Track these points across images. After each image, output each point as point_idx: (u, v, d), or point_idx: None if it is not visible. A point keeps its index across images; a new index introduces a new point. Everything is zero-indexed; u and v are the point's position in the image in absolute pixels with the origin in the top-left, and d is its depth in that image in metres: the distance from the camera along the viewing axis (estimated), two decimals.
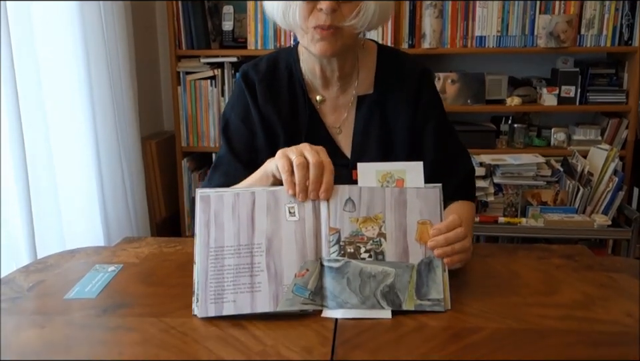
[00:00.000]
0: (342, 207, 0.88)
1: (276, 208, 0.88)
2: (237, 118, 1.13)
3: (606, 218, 2.09)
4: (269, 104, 1.12)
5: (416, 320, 0.82)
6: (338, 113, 1.15)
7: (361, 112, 1.14)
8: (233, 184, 1.04)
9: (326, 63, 1.09)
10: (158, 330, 0.79)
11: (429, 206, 0.88)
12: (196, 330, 0.79)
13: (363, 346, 0.75)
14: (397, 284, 0.85)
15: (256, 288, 0.84)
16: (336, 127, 1.15)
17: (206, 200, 0.88)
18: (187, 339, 0.76)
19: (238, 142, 1.12)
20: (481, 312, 0.85)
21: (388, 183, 0.90)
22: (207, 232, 0.86)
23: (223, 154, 1.13)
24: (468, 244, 0.89)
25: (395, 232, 0.87)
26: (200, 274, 0.84)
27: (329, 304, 0.85)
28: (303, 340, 0.76)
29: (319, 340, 0.76)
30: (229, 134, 1.13)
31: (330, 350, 0.74)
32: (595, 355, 0.74)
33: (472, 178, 1.22)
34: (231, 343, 0.75)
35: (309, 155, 0.87)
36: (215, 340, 0.76)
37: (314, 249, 0.87)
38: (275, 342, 0.76)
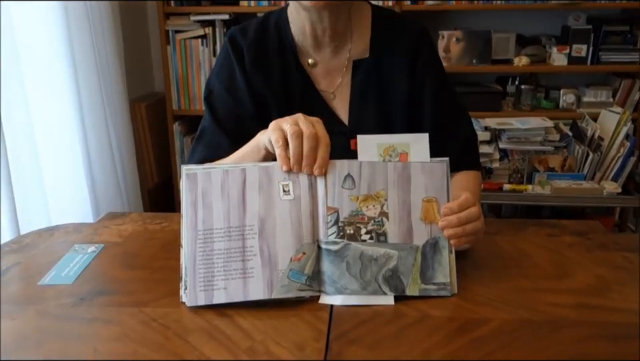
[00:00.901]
0: (340, 184, 0.80)
1: (269, 186, 0.80)
2: (221, 86, 1.04)
3: (616, 185, 2.01)
4: (258, 71, 1.03)
5: (418, 310, 0.75)
6: (331, 77, 1.06)
7: (358, 77, 1.06)
8: (217, 157, 0.97)
9: (316, 20, 1.00)
10: (138, 321, 0.72)
11: (435, 182, 0.80)
12: (179, 321, 0.72)
13: (360, 340, 0.69)
14: (400, 267, 0.78)
15: (248, 274, 0.77)
16: (330, 92, 1.06)
17: (192, 178, 0.80)
18: (168, 333, 0.70)
19: (223, 112, 1.03)
20: (488, 300, 0.78)
21: (390, 157, 0.81)
22: (195, 213, 0.79)
23: (206, 125, 1.04)
24: (480, 225, 0.82)
25: (398, 211, 0.80)
26: (188, 259, 0.78)
27: (327, 289, 0.78)
28: (295, 334, 0.69)
29: (312, 334, 0.70)
30: (213, 103, 1.05)
31: (324, 345, 0.67)
32: (613, 351, 0.67)
33: (474, 143, 1.13)
34: (217, 337, 0.69)
35: (303, 126, 0.79)
36: (199, 333, 0.70)
37: (310, 230, 0.79)
38: (264, 336, 0.69)
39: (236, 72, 1.03)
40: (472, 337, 0.69)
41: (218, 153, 0.97)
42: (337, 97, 1.06)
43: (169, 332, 0.70)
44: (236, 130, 1.00)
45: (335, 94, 1.06)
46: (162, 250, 0.93)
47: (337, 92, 1.06)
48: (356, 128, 1.01)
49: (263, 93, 1.03)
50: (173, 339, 0.69)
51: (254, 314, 0.74)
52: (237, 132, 0.99)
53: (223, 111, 1.03)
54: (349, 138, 1.01)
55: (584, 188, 2.02)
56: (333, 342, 0.68)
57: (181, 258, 0.78)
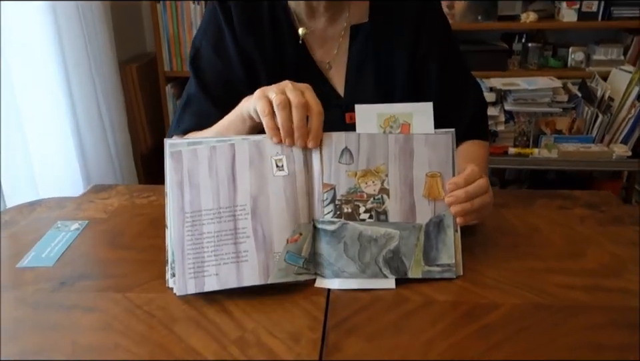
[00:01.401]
0: (337, 159, 0.74)
1: (260, 162, 0.74)
2: (209, 47, 0.96)
3: (625, 148, 1.95)
4: (248, 34, 0.95)
5: (421, 295, 0.70)
6: (327, 47, 0.98)
7: (355, 44, 0.98)
8: (206, 126, 0.90)
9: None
10: (121, 309, 0.68)
11: (440, 156, 0.74)
12: (165, 309, 0.68)
13: (359, 330, 0.64)
14: (401, 248, 0.73)
15: (242, 258, 0.72)
16: (325, 62, 0.98)
17: (177, 157, 0.74)
18: (153, 322, 0.65)
19: (210, 76, 0.96)
20: (496, 282, 0.73)
21: (391, 128, 0.75)
22: (181, 194, 0.73)
23: (193, 92, 0.97)
24: (489, 199, 0.76)
25: (399, 188, 0.74)
26: (175, 244, 0.72)
27: (324, 272, 0.73)
28: (289, 323, 0.65)
29: (307, 323, 0.65)
30: (199, 66, 0.97)
31: (320, 335, 0.63)
32: (631, 341, 0.62)
33: (484, 113, 1.07)
34: (205, 327, 0.64)
35: (291, 94, 0.72)
36: (186, 322, 0.65)
37: (307, 209, 0.74)
38: (256, 325, 0.64)
39: (224, 32, 0.95)
40: (479, 325, 0.64)
41: (206, 123, 0.91)
42: (333, 67, 0.98)
43: (154, 321, 0.65)
44: (225, 97, 0.93)
45: (331, 65, 0.98)
46: (149, 227, 0.88)
47: (332, 62, 0.98)
48: (352, 101, 0.93)
49: (253, 59, 0.95)
50: (157, 329, 0.64)
51: (246, 300, 0.69)
52: (226, 100, 0.91)
53: (210, 75, 0.96)
54: (344, 111, 0.94)
55: (592, 152, 1.95)
56: (329, 331, 0.63)
57: (166, 239, 0.73)
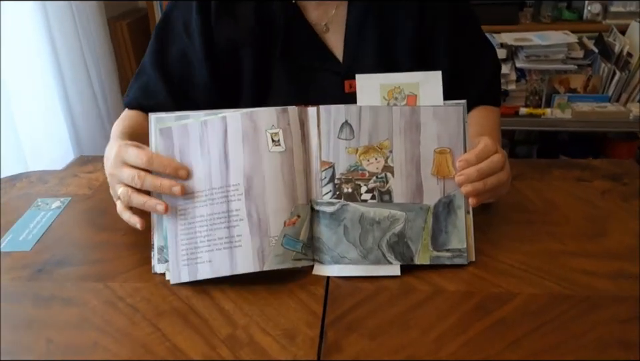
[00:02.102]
0: (336, 134, 0.67)
1: (255, 136, 0.66)
2: (180, 19, 0.87)
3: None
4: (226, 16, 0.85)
5: (429, 283, 0.64)
6: (324, 8, 0.88)
7: (355, 4, 0.88)
8: (150, 105, 0.82)
9: None
10: (102, 301, 0.62)
11: (450, 130, 0.67)
12: (150, 301, 0.62)
13: (361, 325, 0.58)
14: (407, 231, 0.66)
15: (235, 243, 0.66)
16: (321, 24, 0.89)
17: (167, 135, 0.67)
18: (136, 317, 0.60)
19: (173, 51, 0.87)
20: (511, 268, 0.67)
21: (396, 100, 0.67)
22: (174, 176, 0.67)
23: (147, 62, 0.88)
24: (505, 177, 0.69)
25: (405, 165, 0.67)
26: (169, 230, 0.66)
27: (323, 257, 0.67)
28: (285, 318, 0.59)
29: (304, 317, 0.59)
30: (163, 36, 0.88)
31: (318, 332, 0.57)
32: None
33: (497, 77, 0.98)
34: (192, 322, 0.59)
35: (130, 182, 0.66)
36: (172, 317, 0.60)
37: (305, 189, 0.67)
38: (248, 320, 0.59)
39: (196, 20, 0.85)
40: (494, 319, 0.59)
41: (152, 103, 0.83)
42: (330, 29, 0.89)
43: (137, 316, 0.60)
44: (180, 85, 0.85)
45: (328, 26, 0.89)
46: None
47: (330, 24, 0.89)
48: (352, 67, 0.86)
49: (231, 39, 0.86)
50: (141, 325, 0.59)
51: (237, 290, 0.64)
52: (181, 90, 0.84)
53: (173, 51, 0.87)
54: (343, 78, 0.86)
55: (608, 111, 1.86)
56: (328, 327, 0.58)
57: (152, 221, 0.67)
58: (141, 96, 0.87)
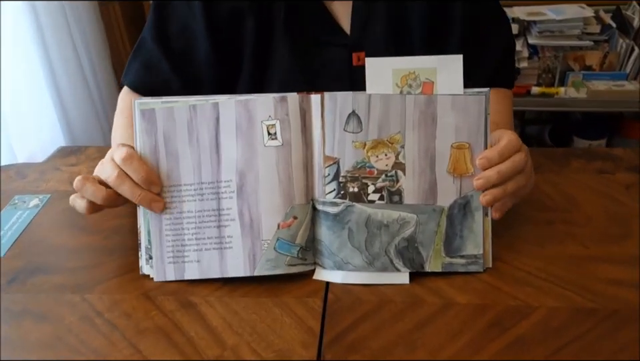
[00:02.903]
0: (342, 125, 0.60)
1: (249, 127, 0.60)
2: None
3: None
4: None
5: (439, 295, 0.58)
6: None
7: None
8: (154, 82, 0.78)
9: None
10: (78, 317, 0.56)
11: (470, 122, 0.60)
12: (130, 317, 0.56)
13: (362, 346, 0.52)
14: (418, 236, 0.60)
15: (226, 244, 0.60)
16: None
17: (150, 117, 0.60)
18: (114, 336, 0.54)
19: (173, 23, 0.80)
20: (528, 276, 0.61)
21: (410, 88, 0.60)
22: (156, 164, 0.61)
23: (147, 37, 0.81)
24: (525, 181, 0.62)
25: (418, 162, 0.60)
26: (152, 224, 0.61)
27: (325, 262, 0.61)
28: (278, 336, 0.53)
29: (300, 336, 0.53)
30: (163, 9, 0.80)
31: (315, 353, 0.51)
32: None
33: (511, 56, 0.90)
34: (176, 342, 0.53)
35: None
36: (155, 337, 0.54)
37: (304, 188, 0.61)
38: (238, 340, 0.53)
39: None
40: (510, 338, 0.53)
41: (156, 79, 0.78)
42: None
43: (116, 335, 0.54)
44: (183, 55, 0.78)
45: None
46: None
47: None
48: (360, 39, 0.78)
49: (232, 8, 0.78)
50: (119, 346, 0.53)
51: (226, 303, 0.58)
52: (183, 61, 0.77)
53: (174, 21, 0.80)
54: (350, 50, 0.78)
55: (626, 90, 1.77)
56: (326, 349, 0.52)
57: (139, 218, 0.61)
58: (143, 74, 0.80)
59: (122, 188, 0.60)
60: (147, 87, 0.80)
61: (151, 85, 0.79)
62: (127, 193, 0.60)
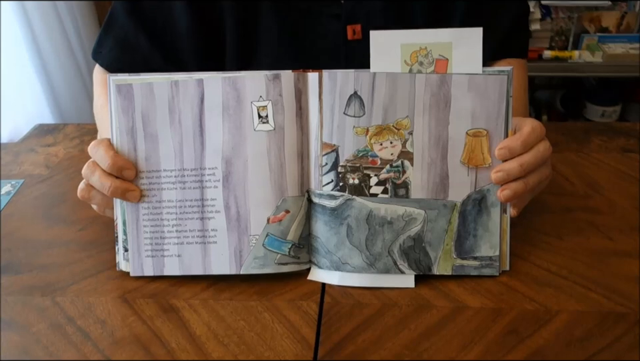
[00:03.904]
0: (342, 108, 0.53)
1: (238, 109, 0.53)
2: None
3: None
4: None
5: (448, 298, 0.52)
6: None
7: None
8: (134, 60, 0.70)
9: None
10: (48, 324, 0.51)
11: (489, 106, 0.52)
12: (105, 324, 0.50)
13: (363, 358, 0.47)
14: (426, 234, 0.54)
15: (209, 238, 0.54)
16: None
17: (126, 94, 0.54)
18: (86, 347, 0.48)
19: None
20: (548, 274, 0.55)
21: (421, 66, 0.52)
22: (133, 147, 0.55)
23: (119, 10, 0.72)
24: (547, 173, 0.55)
25: (428, 151, 0.53)
26: (129, 213, 0.55)
27: (320, 261, 0.55)
28: (269, 350, 0.47)
29: (293, 348, 0.47)
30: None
31: None
32: None
33: (525, 21, 0.81)
34: (155, 355, 0.47)
35: None
36: (131, 347, 0.48)
37: (297, 178, 0.54)
38: (223, 351, 0.47)
39: None
40: (528, 349, 0.47)
41: (135, 55, 0.71)
42: None
43: (88, 346, 0.48)
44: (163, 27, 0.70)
45: None
46: None
47: None
48: (355, 8, 0.69)
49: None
50: (91, 358, 0.47)
51: (211, 307, 0.52)
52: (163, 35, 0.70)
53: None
54: (345, 22, 0.70)
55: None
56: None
57: (115, 209, 0.55)
58: (119, 53, 0.72)
59: (93, 180, 0.53)
60: (125, 66, 0.72)
61: (130, 63, 0.72)
62: (97, 185, 0.53)
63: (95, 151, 0.54)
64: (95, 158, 0.54)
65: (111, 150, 0.53)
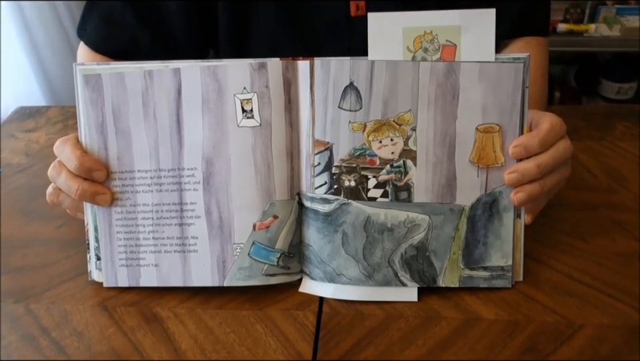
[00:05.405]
0: (336, 101, 0.47)
1: (219, 103, 0.48)
2: None
3: None
4: None
5: (459, 308, 0.48)
6: None
7: None
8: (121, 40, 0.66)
9: None
10: (20, 335, 0.46)
11: (502, 98, 0.46)
12: (82, 336, 0.46)
13: None
14: (431, 242, 0.48)
15: (189, 247, 0.49)
16: None
17: (94, 85, 0.49)
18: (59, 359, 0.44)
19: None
20: (569, 281, 0.50)
21: (426, 52, 0.46)
22: (103, 144, 0.49)
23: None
24: (567, 174, 0.49)
25: (433, 149, 0.47)
26: (100, 218, 0.50)
27: (313, 271, 0.50)
28: None
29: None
30: None
31: None
32: None
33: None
34: None
35: None
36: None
37: (287, 179, 0.48)
38: None
39: None
40: None
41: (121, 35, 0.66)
42: None
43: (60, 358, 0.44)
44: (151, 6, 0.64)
45: None
46: None
47: None
48: None
49: None
50: None
51: (198, 317, 0.48)
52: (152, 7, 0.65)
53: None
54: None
55: None
56: None
57: (85, 213, 0.50)
58: (105, 30, 0.67)
59: (59, 183, 0.48)
60: (111, 45, 0.68)
61: (116, 42, 0.67)
62: (64, 188, 0.48)
63: (60, 150, 0.49)
64: (61, 158, 0.49)
65: (77, 149, 0.48)
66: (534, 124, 0.47)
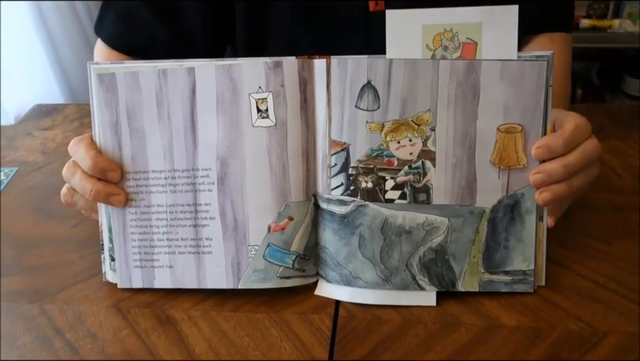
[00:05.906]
0: (353, 101, 0.46)
1: (234, 102, 0.47)
2: None
3: None
4: None
5: (479, 314, 0.46)
6: None
7: None
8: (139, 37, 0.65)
9: None
10: (34, 337, 0.46)
11: (524, 98, 0.45)
12: (96, 337, 0.46)
13: None
14: (450, 245, 0.47)
15: (204, 248, 0.49)
16: None
17: (109, 84, 0.48)
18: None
19: None
20: (594, 287, 0.48)
21: (446, 50, 0.45)
22: (118, 144, 0.49)
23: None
24: (595, 173, 0.47)
25: (453, 150, 0.46)
26: (115, 219, 0.50)
27: (329, 274, 0.49)
28: None
29: None
30: None
31: None
32: None
33: None
34: None
35: None
36: None
37: (302, 181, 0.47)
38: None
39: None
40: None
41: (137, 32, 0.65)
42: None
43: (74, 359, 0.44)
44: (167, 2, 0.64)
45: None
46: None
47: None
48: None
49: None
50: None
51: (213, 320, 0.47)
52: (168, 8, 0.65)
53: None
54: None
55: None
56: None
57: (100, 214, 0.50)
58: (121, 27, 0.67)
59: (73, 183, 0.48)
60: (129, 42, 0.68)
61: (133, 39, 0.67)
62: (78, 188, 0.48)
63: (75, 150, 0.48)
64: (76, 158, 0.48)
65: (92, 149, 0.48)
66: (558, 124, 0.45)
